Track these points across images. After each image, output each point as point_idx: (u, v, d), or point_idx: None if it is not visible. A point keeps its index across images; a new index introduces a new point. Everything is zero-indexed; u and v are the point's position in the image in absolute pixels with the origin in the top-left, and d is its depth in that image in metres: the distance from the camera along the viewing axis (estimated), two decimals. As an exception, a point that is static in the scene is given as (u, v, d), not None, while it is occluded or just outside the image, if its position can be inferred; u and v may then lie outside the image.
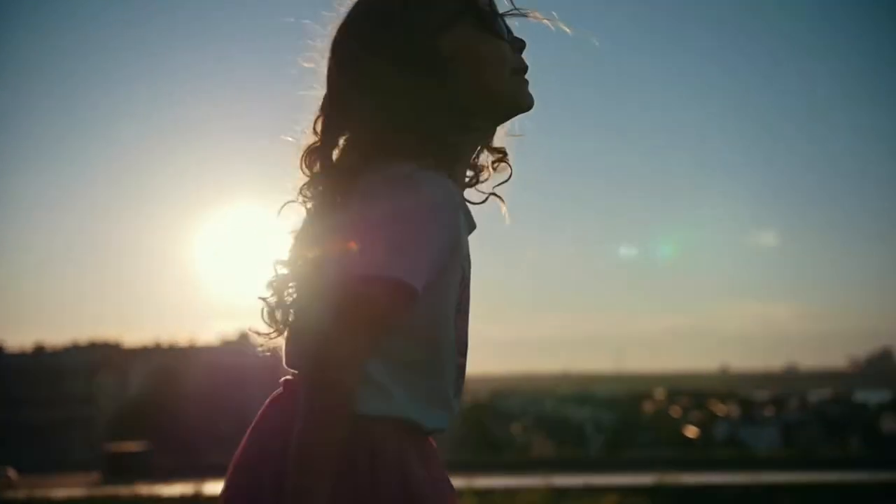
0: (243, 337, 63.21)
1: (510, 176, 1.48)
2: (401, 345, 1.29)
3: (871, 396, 78.75)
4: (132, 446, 23.03)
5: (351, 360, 1.22)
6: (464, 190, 1.42)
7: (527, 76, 1.44)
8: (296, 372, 1.37)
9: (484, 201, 1.47)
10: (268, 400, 1.40)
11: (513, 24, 1.45)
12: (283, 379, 1.39)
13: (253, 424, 1.39)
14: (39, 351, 58.38)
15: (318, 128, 1.41)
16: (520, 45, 1.43)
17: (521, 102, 1.43)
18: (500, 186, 1.48)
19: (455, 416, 1.37)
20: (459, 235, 1.29)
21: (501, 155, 1.48)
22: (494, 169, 1.47)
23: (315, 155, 1.39)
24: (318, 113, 1.42)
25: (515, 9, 1.45)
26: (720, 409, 68.14)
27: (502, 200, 1.48)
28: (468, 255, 1.35)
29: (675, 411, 66.59)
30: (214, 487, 12.68)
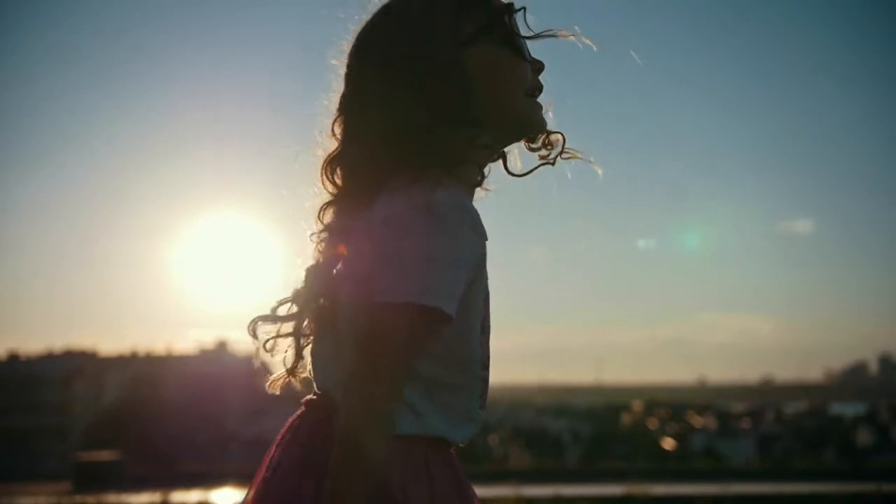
0: (221, 346, 63.12)
1: (565, 140, 1.47)
2: (431, 366, 1.30)
3: (847, 409, 79.32)
4: (104, 455, 22.84)
5: (386, 388, 1.23)
6: (472, 195, 1.41)
7: (540, 98, 1.43)
8: (319, 393, 1.38)
9: (553, 162, 1.47)
10: (290, 420, 1.41)
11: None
12: (305, 399, 1.40)
13: (277, 442, 1.40)
14: (13, 359, 57.88)
15: (338, 131, 1.41)
16: (538, 66, 1.43)
17: (535, 124, 1.43)
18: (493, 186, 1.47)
19: (480, 426, 1.39)
20: (483, 255, 1.29)
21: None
22: (549, 145, 1.48)
23: (336, 164, 1.40)
24: (336, 114, 1.42)
25: (542, 31, 1.44)
26: (697, 421, 68.42)
27: (590, 159, 1.49)
28: (486, 272, 1.35)
29: (653, 423, 66.84)
30: (184, 496, 12.63)
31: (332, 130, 1.41)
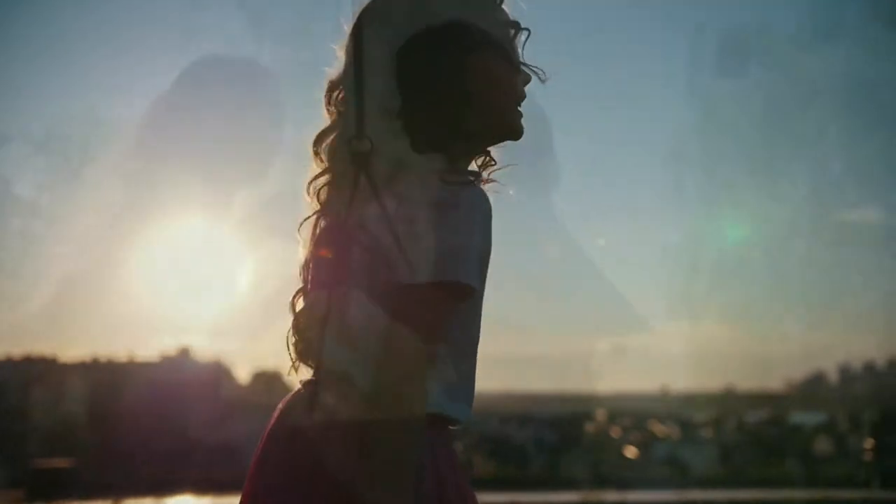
0: (183, 352, 62.53)
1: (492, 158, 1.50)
2: (444, 348, 1.33)
3: (807, 419, 79.98)
4: (59, 462, 22.52)
5: (423, 364, 1.26)
6: None
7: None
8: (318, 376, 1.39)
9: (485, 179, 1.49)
10: (282, 402, 1.42)
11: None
12: (303, 380, 1.41)
13: (270, 424, 1.41)
14: (-28, 365, 57.07)
15: (335, 107, 1.42)
16: (527, 79, 1.47)
17: (515, 132, 1.47)
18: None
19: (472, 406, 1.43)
20: (490, 241, 1.33)
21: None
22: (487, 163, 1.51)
23: (335, 142, 1.40)
24: (333, 94, 1.42)
25: (534, 67, 1.48)
26: (659, 429, 68.82)
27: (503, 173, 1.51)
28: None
29: (616, 432, 67.13)
30: (138, 503, 12.49)
31: (329, 105, 1.43)
